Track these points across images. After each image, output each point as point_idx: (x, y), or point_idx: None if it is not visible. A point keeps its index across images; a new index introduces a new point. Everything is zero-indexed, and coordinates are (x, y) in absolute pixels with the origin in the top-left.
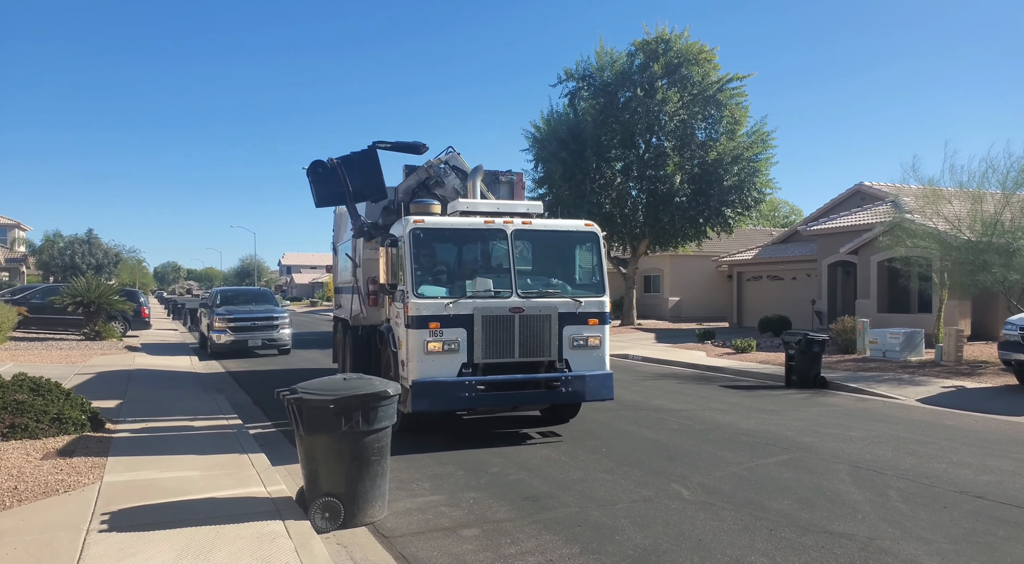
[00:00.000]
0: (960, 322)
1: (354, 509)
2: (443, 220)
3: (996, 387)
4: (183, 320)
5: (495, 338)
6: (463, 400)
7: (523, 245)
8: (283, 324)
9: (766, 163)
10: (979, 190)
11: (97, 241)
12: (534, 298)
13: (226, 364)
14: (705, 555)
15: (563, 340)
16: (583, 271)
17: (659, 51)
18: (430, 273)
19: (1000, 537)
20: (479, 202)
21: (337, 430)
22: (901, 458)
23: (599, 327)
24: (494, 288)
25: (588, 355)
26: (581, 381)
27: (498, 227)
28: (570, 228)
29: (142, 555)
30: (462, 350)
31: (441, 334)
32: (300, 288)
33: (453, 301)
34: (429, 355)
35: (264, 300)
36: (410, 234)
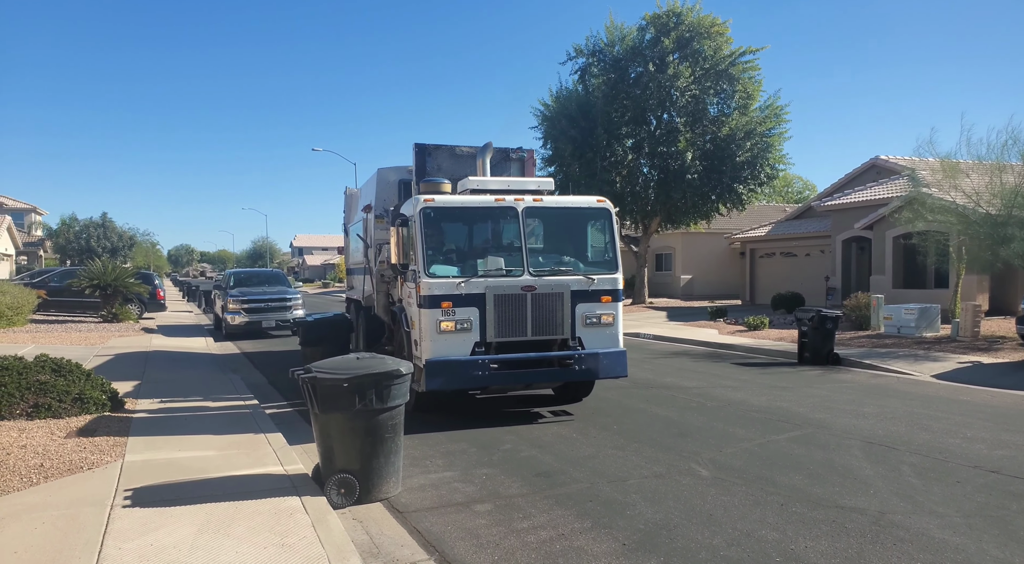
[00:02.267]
0: (978, 297)
1: (369, 485)
2: (453, 199)
3: (1013, 362)
4: (198, 302)
5: (507, 317)
6: (476, 379)
7: (534, 223)
8: (296, 305)
9: (779, 138)
10: (999, 162)
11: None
12: (546, 276)
13: (241, 345)
14: (716, 529)
15: (576, 318)
16: (595, 248)
17: (670, 25)
18: (441, 252)
19: (1013, 511)
20: (489, 180)
21: (351, 408)
22: (914, 434)
23: (612, 304)
24: (506, 266)
25: (601, 333)
26: (594, 359)
27: (509, 205)
28: (582, 204)
29: (165, 529)
30: (475, 329)
31: (453, 313)
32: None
33: (465, 280)
34: (442, 334)
35: (277, 282)
36: (420, 213)
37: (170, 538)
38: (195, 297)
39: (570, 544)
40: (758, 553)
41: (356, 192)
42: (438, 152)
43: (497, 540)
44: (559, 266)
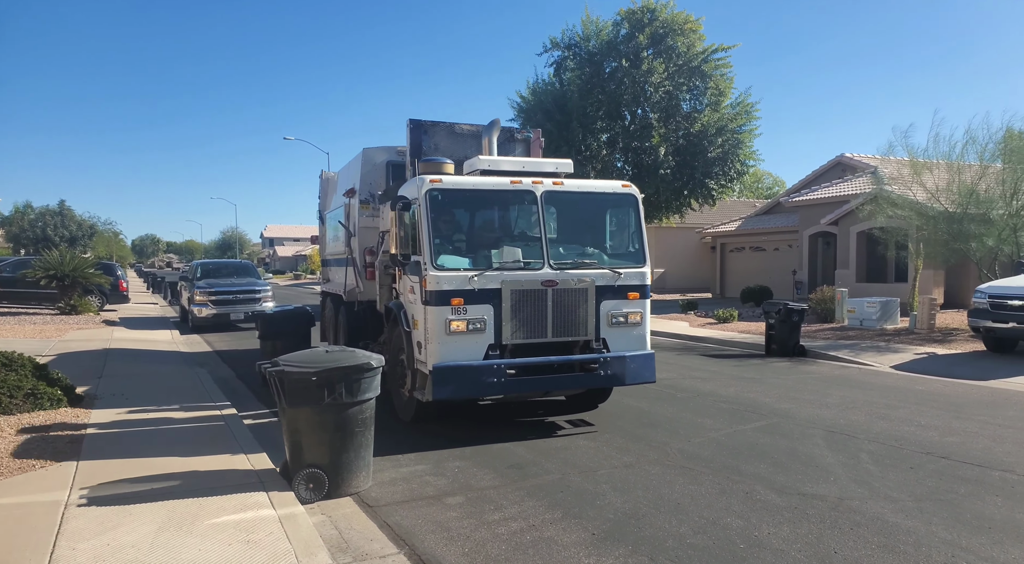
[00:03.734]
0: (934, 291)
1: (338, 480)
2: (464, 180)
3: (965, 353)
4: (163, 294)
5: (526, 315)
6: (491, 386)
7: (554, 209)
8: (266, 297)
9: (750, 135)
10: (959, 162)
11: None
12: (568, 269)
13: (208, 338)
14: (683, 517)
15: (600, 317)
16: (620, 238)
17: (644, 21)
18: (450, 241)
19: (961, 494)
20: (501, 159)
21: (320, 402)
22: (873, 422)
23: (640, 301)
24: (523, 258)
25: (628, 333)
26: (621, 363)
27: (526, 188)
28: (606, 189)
29: (123, 528)
30: (489, 330)
31: (465, 312)
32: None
33: (478, 273)
34: (451, 336)
35: (246, 273)
36: (426, 196)
37: (128, 537)
38: (161, 288)
39: (540, 535)
40: (723, 540)
41: (333, 176)
42: (435, 130)
43: (468, 532)
44: (582, 258)
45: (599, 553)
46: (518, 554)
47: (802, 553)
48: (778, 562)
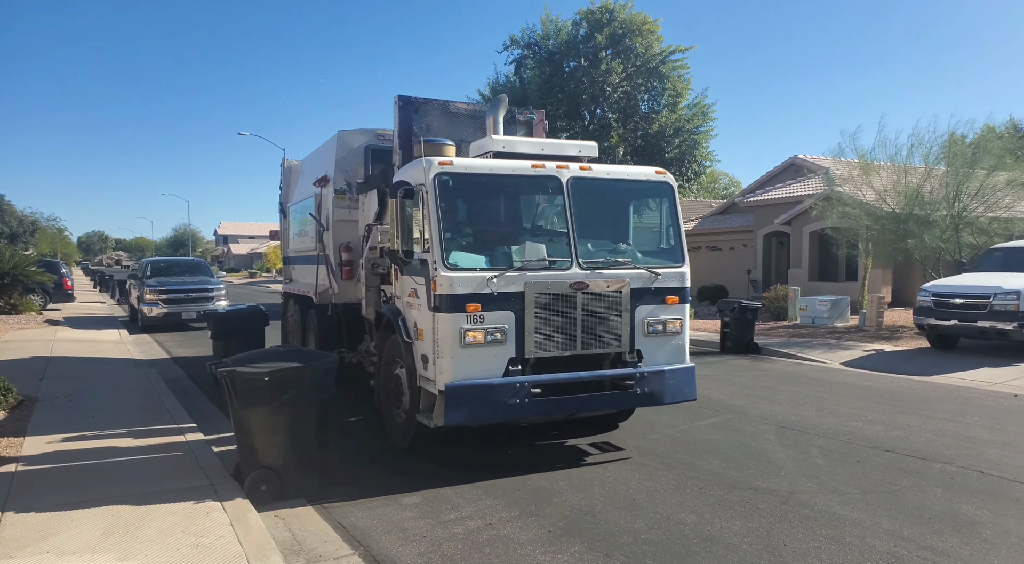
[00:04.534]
0: (882, 289)
1: (293, 481)
2: (479, 163)
3: (911, 350)
4: (111, 292)
5: (552, 324)
6: (512, 408)
7: (581, 198)
8: (219, 296)
9: (706, 136)
10: (905, 164)
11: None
12: (600, 269)
13: (159, 338)
14: (638, 513)
15: (635, 325)
16: (654, 233)
17: (603, 21)
18: (462, 235)
19: (904, 486)
20: (517, 140)
21: (274, 403)
22: (823, 418)
23: (680, 307)
24: (548, 256)
25: (666, 344)
26: (659, 379)
27: (550, 174)
28: (638, 176)
29: (64, 535)
30: (510, 341)
31: (482, 319)
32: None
33: (498, 273)
34: (467, 348)
35: (198, 271)
36: (435, 182)
37: (70, 544)
38: (109, 287)
39: (497, 533)
40: (677, 535)
41: (296, 165)
42: (427, 108)
43: (424, 532)
44: (615, 256)
45: (555, 550)
46: (474, 553)
47: (753, 547)
48: (730, 556)
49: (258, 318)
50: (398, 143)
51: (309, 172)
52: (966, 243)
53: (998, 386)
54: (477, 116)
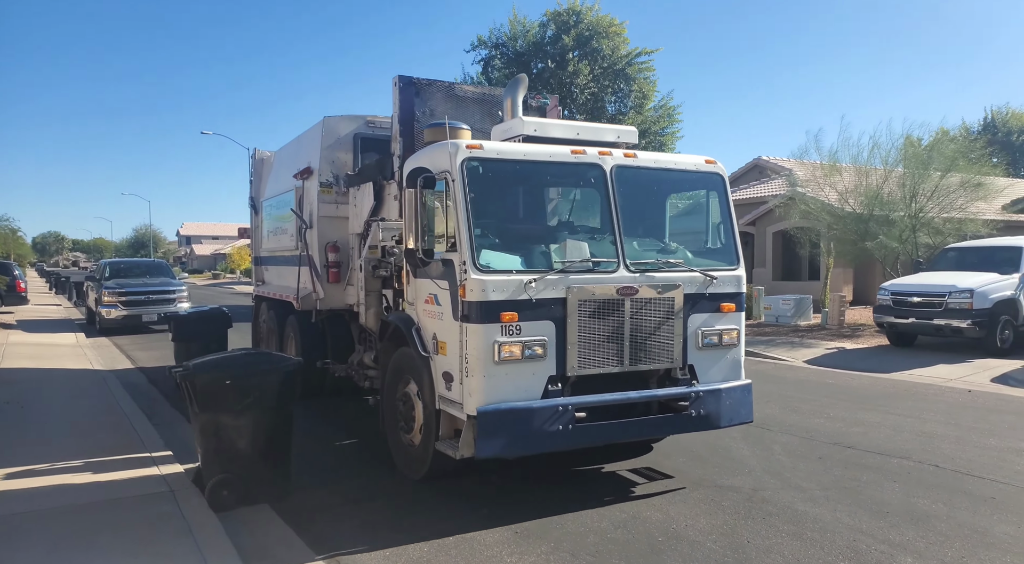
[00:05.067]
0: (844, 288)
1: (256, 487)
2: (513, 149)
3: (871, 347)
4: (68, 295)
5: (597, 335)
6: (555, 437)
7: (626, 190)
8: (181, 298)
9: (672, 137)
10: (866, 166)
11: None
12: (650, 272)
13: (118, 341)
14: (604, 513)
15: (688, 336)
16: (705, 231)
17: (571, 23)
18: (493, 232)
19: (864, 482)
20: (550, 122)
21: (236, 407)
22: (786, 415)
23: (736, 315)
24: (592, 257)
25: (721, 358)
26: (716, 399)
27: (592, 161)
28: (688, 166)
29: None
30: (550, 356)
31: (519, 330)
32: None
33: (538, 276)
34: (502, 365)
35: (159, 272)
36: (463, 168)
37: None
38: (65, 289)
39: (464, 535)
40: (643, 533)
41: (269, 156)
42: (431, 90)
43: (390, 536)
44: (665, 257)
45: (521, 551)
46: (440, 555)
47: (717, 544)
48: (695, 553)
49: (221, 320)
50: (399, 129)
51: (286, 164)
52: (923, 243)
53: (953, 382)
54: (485, 100)
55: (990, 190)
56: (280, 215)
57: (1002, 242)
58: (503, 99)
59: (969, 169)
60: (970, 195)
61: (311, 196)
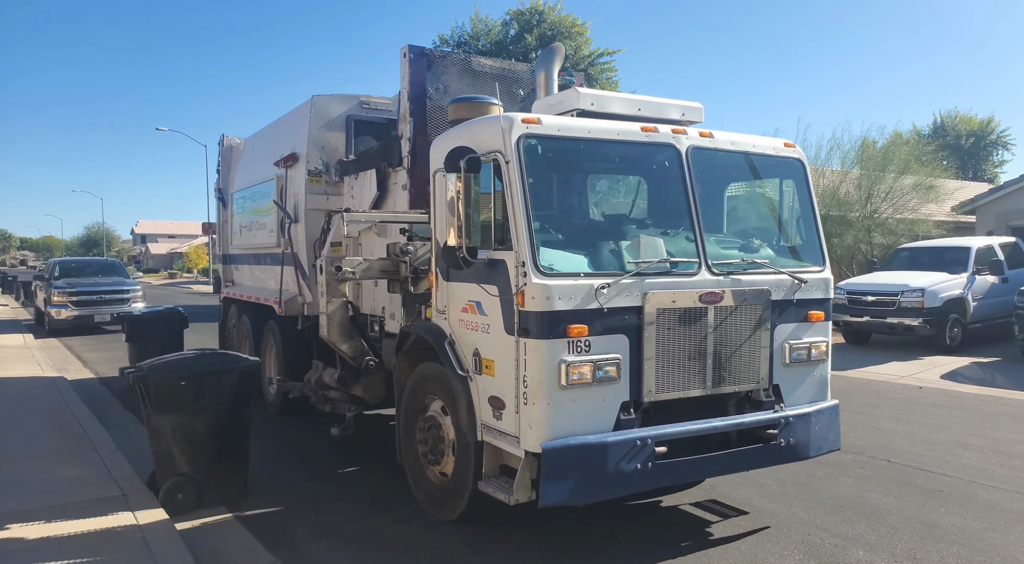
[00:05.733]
0: None
1: (212, 489)
2: (576, 125)
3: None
4: (15, 294)
5: (677, 352)
6: (632, 477)
7: (702, 176)
8: (135, 297)
9: None
10: (823, 167)
11: None
12: (736, 274)
13: (69, 342)
14: (567, 511)
15: (773, 351)
16: (786, 225)
17: (533, 22)
18: (553, 224)
19: (819, 477)
20: (608, 95)
21: (191, 408)
22: None
23: (824, 325)
24: (669, 255)
25: (808, 376)
26: (805, 425)
27: (665, 141)
28: (766, 150)
29: None
30: (623, 377)
31: (588, 347)
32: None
33: (612, 281)
34: (569, 390)
35: (112, 272)
36: (519, 147)
37: None
38: (12, 289)
39: (424, 538)
40: (604, 535)
41: (240, 143)
42: (445, 64)
43: (350, 538)
44: (749, 255)
45: (484, 552)
46: (403, 557)
47: None
48: (656, 550)
49: (177, 320)
50: (408, 108)
51: (263, 150)
52: (878, 243)
53: (904, 379)
54: (506, 76)
55: (941, 192)
56: (256, 208)
57: (952, 243)
58: (536, 72)
59: (921, 171)
60: (922, 197)
61: (296, 186)
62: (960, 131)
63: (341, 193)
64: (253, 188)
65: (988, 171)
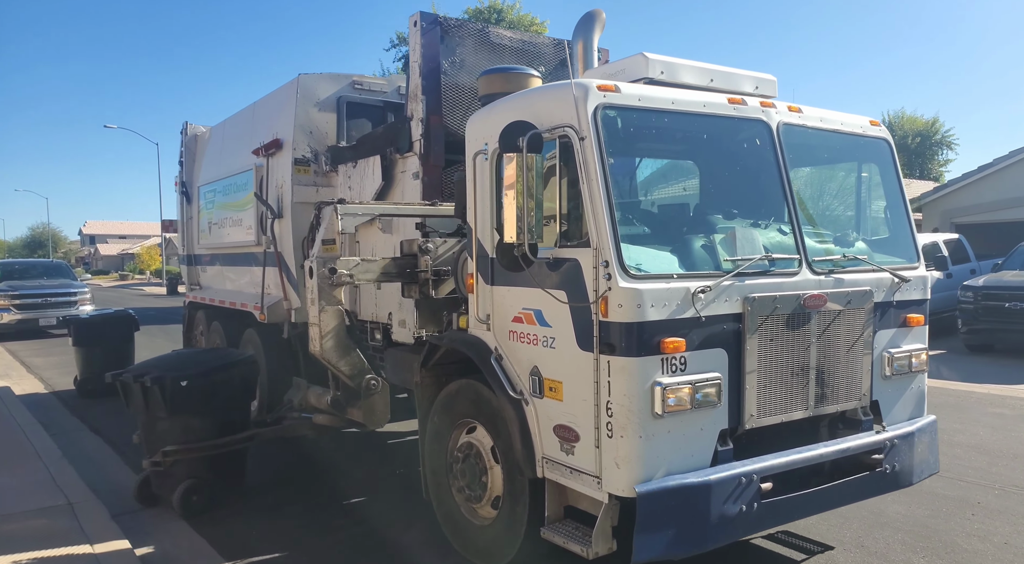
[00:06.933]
0: None
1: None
2: (660, 95)
3: None
4: None
5: (780, 367)
6: (737, 522)
7: (794, 157)
8: (83, 300)
9: None
10: None
11: None
12: (839, 273)
13: (11, 347)
14: None
15: (873, 361)
16: (875, 213)
17: (492, 21)
18: (637, 215)
19: None
20: (680, 62)
21: (204, 408)
22: None
23: (921, 331)
24: (765, 250)
25: (906, 389)
26: (908, 446)
27: (754, 116)
28: (854, 129)
29: None
30: (723, 400)
31: (684, 365)
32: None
33: (712, 283)
34: (663, 419)
35: (58, 273)
36: (596, 119)
37: None
38: None
39: (382, 538)
40: None
41: (206, 132)
42: (460, 35)
43: (307, 540)
44: (850, 251)
45: (443, 553)
46: (360, 557)
47: None
48: None
49: (126, 323)
50: (421, 84)
51: (237, 138)
52: None
53: None
54: (527, 51)
55: None
56: (228, 202)
57: None
58: (574, 41)
59: None
60: None
61: (280, 176)
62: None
63: (333, 184)
64: (225, 180)
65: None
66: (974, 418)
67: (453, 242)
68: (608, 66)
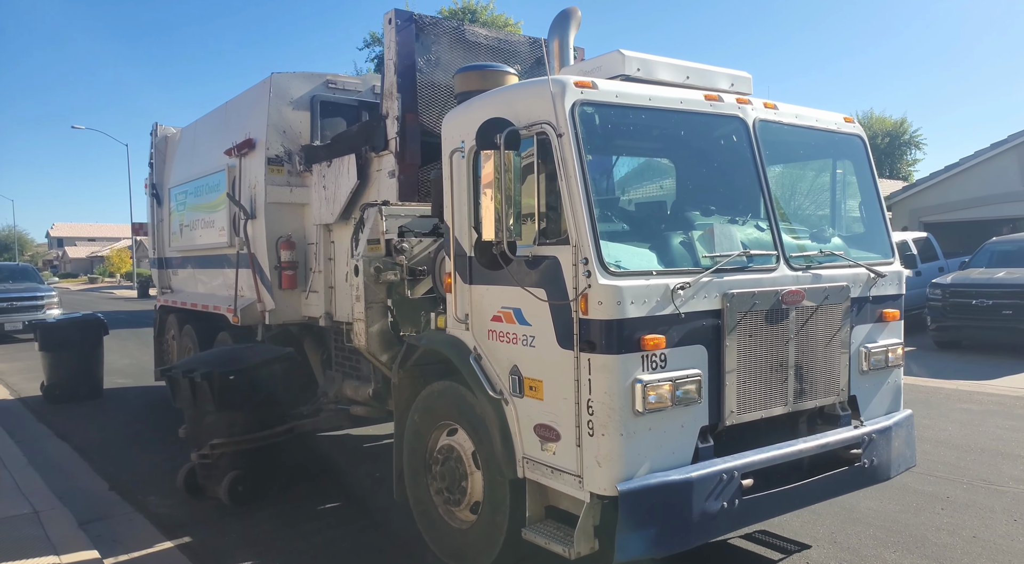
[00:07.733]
0: None
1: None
2: (636, 92)
3: None
4: None
5: (759, 364)
6: (718, 520)
7: (770, 153)
8: (51, 304)
9: None
10: None
11: None
12: (816, 269)
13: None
14: None
15: (851, 357)
16: (851, 210)
17: (466, 21)
18: (615, 211)
19: None
20: (655, 59)
21: (250, 401)
22: None
23: (897, 325)
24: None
25: (883, 383)
26: (886, 440)
27: (730, 112)
28: (828, 125)
29: None
30: (703, 397)
31: (664, 362)
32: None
33: (691, 279)
34: (644, 417)
35: (24, 277)
36: (574, 115)
37: None
38: None
39: (355, 541)
40: None
41: (176, 133)
42: (436, 33)
43: (281, 544)
44: (826, 246)
45: (414, 554)
46: (334, 562)
47: None
48: None
49: (95, 327)
50: (396, 82)
51: (209, 138)
52: None
53: None
54: (503, 49)
55: None
56: (200, 204)
57: None
58: (550, 39)
59: None
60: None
61: (253, 177)
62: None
63: (307, 184)
64: (197, 182)
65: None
66: (943, 413)
67: (429, 242)
68: (584, 63)
